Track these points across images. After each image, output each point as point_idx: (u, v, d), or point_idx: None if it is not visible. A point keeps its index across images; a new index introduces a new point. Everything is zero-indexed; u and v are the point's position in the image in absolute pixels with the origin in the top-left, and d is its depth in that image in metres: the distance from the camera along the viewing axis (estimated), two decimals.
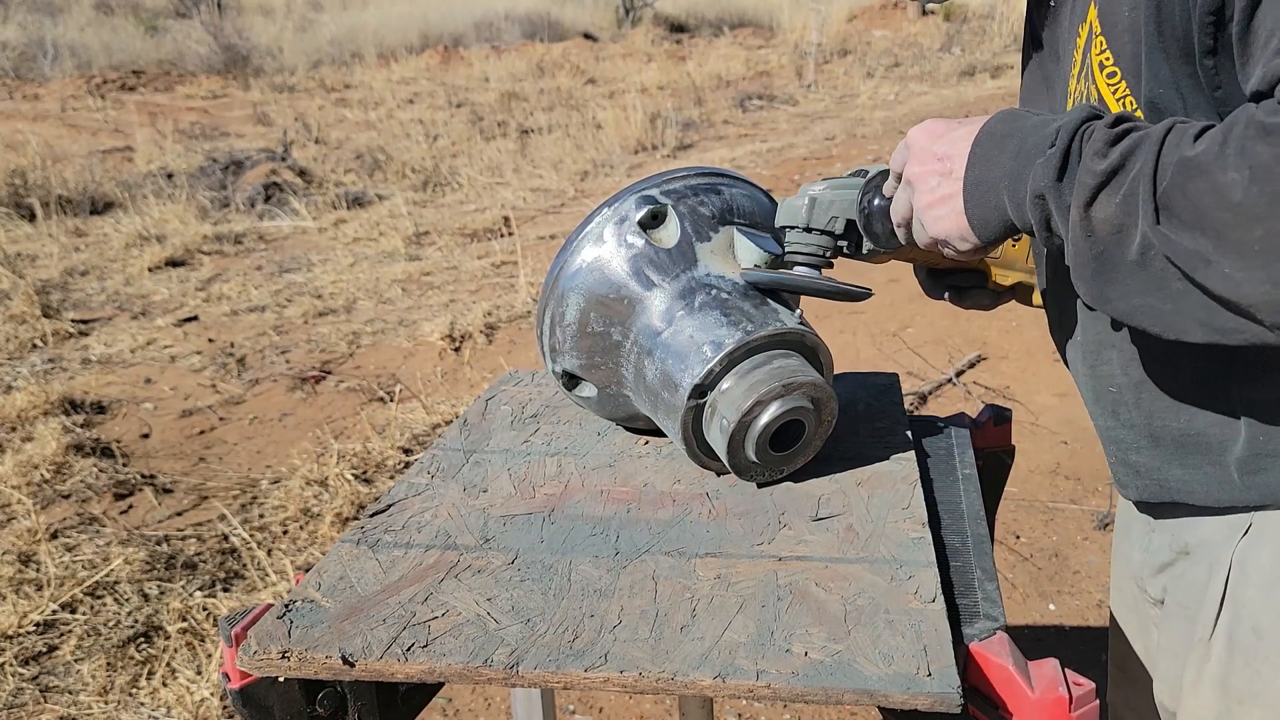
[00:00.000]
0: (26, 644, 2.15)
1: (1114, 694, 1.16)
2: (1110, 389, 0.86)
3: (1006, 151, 0.71)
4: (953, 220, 0.76)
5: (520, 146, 8.03)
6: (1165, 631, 0.91)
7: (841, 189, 0.91)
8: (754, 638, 0.69)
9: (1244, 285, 0.56)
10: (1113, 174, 0.63)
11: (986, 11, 13.75)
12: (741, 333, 0.89)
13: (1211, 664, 0.81)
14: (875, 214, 0.89)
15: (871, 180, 0.90)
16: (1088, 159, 0.64)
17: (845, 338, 3.79)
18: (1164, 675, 0.91)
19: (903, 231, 0.85)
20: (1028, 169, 0.69)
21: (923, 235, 0.81)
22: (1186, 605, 0.86)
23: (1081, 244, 0.65)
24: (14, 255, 5.32)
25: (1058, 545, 2.48)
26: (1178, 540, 0.87)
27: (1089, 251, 0.65)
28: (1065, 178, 0.66)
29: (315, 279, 4.95)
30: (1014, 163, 0.70)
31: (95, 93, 11.24)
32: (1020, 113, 0.74)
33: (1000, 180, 0.71)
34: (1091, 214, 0.64)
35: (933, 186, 0.77)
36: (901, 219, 0.84)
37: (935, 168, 0.77)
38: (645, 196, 0.97)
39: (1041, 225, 0.69)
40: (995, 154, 0.72)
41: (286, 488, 2.81)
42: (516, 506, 0.91)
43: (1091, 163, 0.64)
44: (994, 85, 9.71)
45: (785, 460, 0.92)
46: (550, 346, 1.01)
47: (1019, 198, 0.70)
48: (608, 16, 17.60)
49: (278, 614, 0.74)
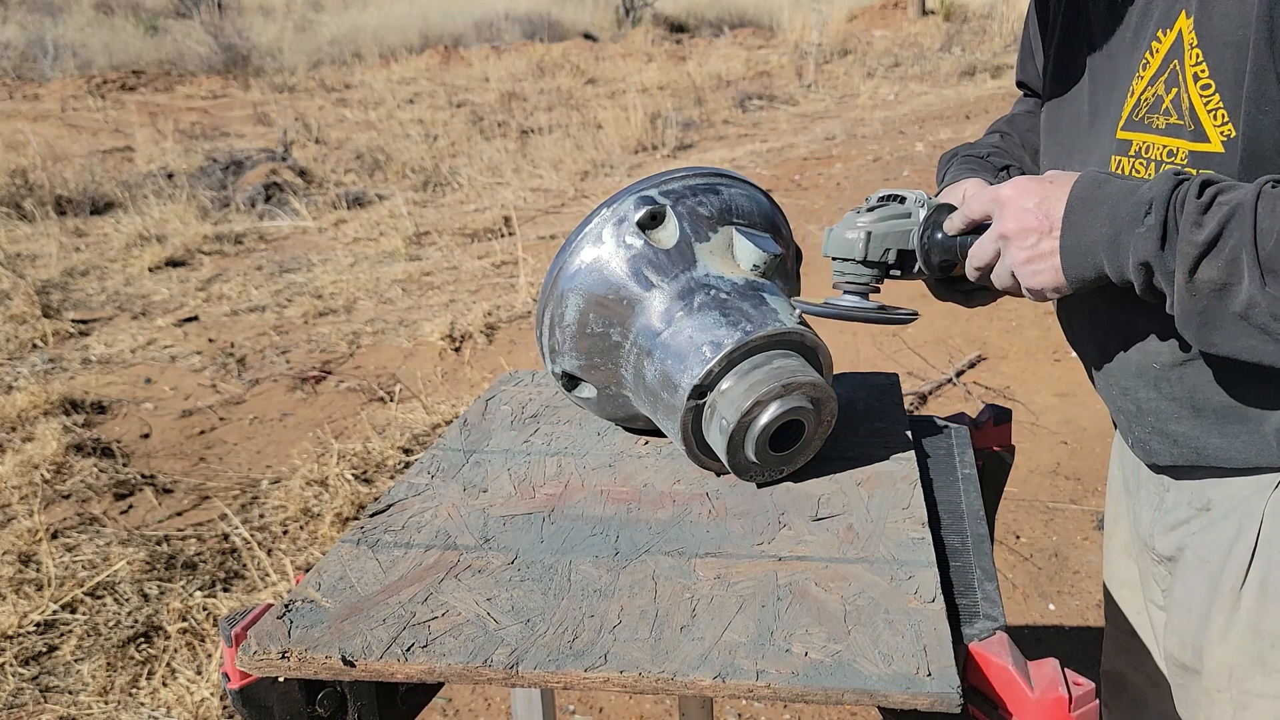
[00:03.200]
0: (26, 644, 2.15)
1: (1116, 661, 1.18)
2: (1155, 364, 0.91)
3: (1100, 218, 0.78)
4: (1050, 275, 0.84)
5: (520, 146, 8.03)
6: (1180, 585, 0.95)
7: (891, 220, 0.96)
8: (754, 638, 0.69)
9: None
10: (1212, 243, 0.71)
11: (986, 11, 13.75)
12: (741, 333, 0.89)
13: (1242, 612, 0.87)
14: (934, 248, 0.95)
15: (930, 218, 0.95)
16: (1186, 230, 0.72)
17: (845, 338, 3.79)
18: (1176, 628, 0.96)
19: (977, 274, 0.92)
20: (1125, 236, 0.76)
21: (1008, 282, 0.88)
22: (1208, 559, 0.91)
23: (1187, 302, 0.73)
24: (14, 255, 5.32)
25: (1058, 545, 2.48)
26: (1199, 497, 0.93)
27: (1194, 307, 0.73)
28: (1166, 247, 0.74)
29: (315, 279, 4.95)
30: (1109, 229, 0.78)
31: (95, 93, 11.24)
32: (1104, 178, 0.80)
33: (1098, 244, 0.79)
34: (1196, 278, 0.72)
35: (1032, 244, 0.84)
36: (984, 264, 0.90)
37: (1034, 225, 0.83)
38: (644, 197, 0.97)
39: (1145, 287, 0.77)
40: (1089, 220, 0.79)
41: (287, 488, 2.81)
42: (516, 506, 0.91)
43: (1191, 234, 0.72)
44: (994, 85, 9.71)
45: (785, 460, 0.92)
46: (550, 347, 1.01)
47: (1118, 261, 0.77)
48: (608, 16, 17.60)
49: (278, 614, 0.74)
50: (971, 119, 7.86)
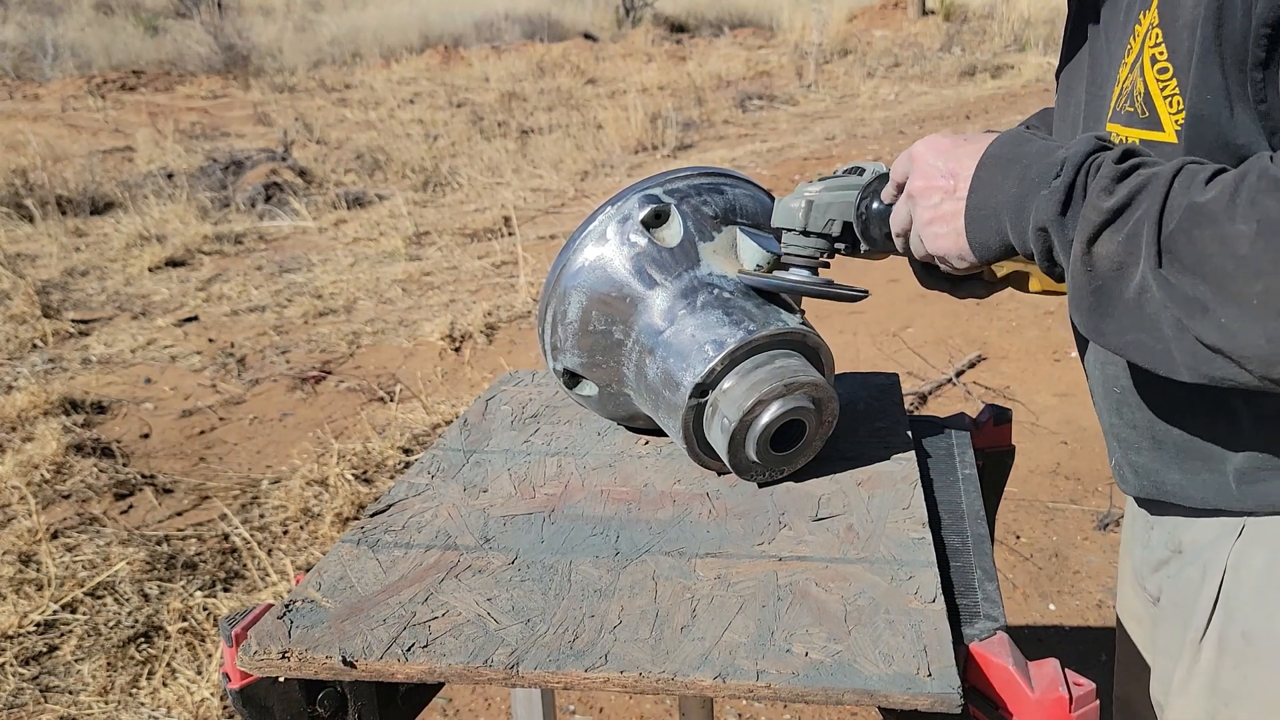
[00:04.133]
0: (27, 644, 2.15)
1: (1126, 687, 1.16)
2: (1115, 389, 0.86)
3: (1010, 177, 0.71)
4: (952, 239, 0.77)
5: (520, 146, 8.03)
6: (1160, 630, 0.91)
7: (838, 190, 0.91)
8: (754, 638, 0.69)
9: (1239, 336, 0.56)
10: (1118, 212, 0.63)
11: (986, 11, 13.76)
12: (744, 332, 0.89)
13: (1201, 665, 0.81)
14: (873, 219, 0.89)
15: (869, 185, 0.90)
16: (1094, 195, 0.64)
17: (845, 338, 3.79)
18: (1158, 673, 0.91)
19: (900, 241, 0.85)
20: (1031, 198, 0.69)
21: (920, 249, 0.82)
22: (1180, 605, 0.86)
23: (1081, 277, 0.65)
24: (14, 255, 5.32)
25: (1058, 545, 2.48)
26: (1173, 539, 0.87)
27: (1087, 285, 0.65)
28: (1069, 212, 0.66)
29: (315, 279, 4.95)
30: (1017, 189, 0.70)
31: (95, 93, 11.25)
32: (1026, 136, 0.74)
33: (1003, 206, 0.72)
34: (1094, 250, 0.64)
35: (935, 203, 0.78)
36: (901, 229, 0.84)
37: (939, 184, 0.77)
38: (648, 195, 0.97)
39: (1043, 256, 0.70)
40: (999, 178, 0.72)
41: (287, 488, 2.81)
42: (516, 506, 0.91)
43: (1098, 199, 0.64)
44: (994, 85, 9.71)
45: (786, 460, 0.92)
46: (551, 344, 1.01)
47: (1021, 226, 0.70)
48: (608, 16, 17.60)
49: (278, 614, 0.74)
50: (972, 119, 7.86)
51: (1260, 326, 0.55)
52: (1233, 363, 0.58)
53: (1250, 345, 0.56)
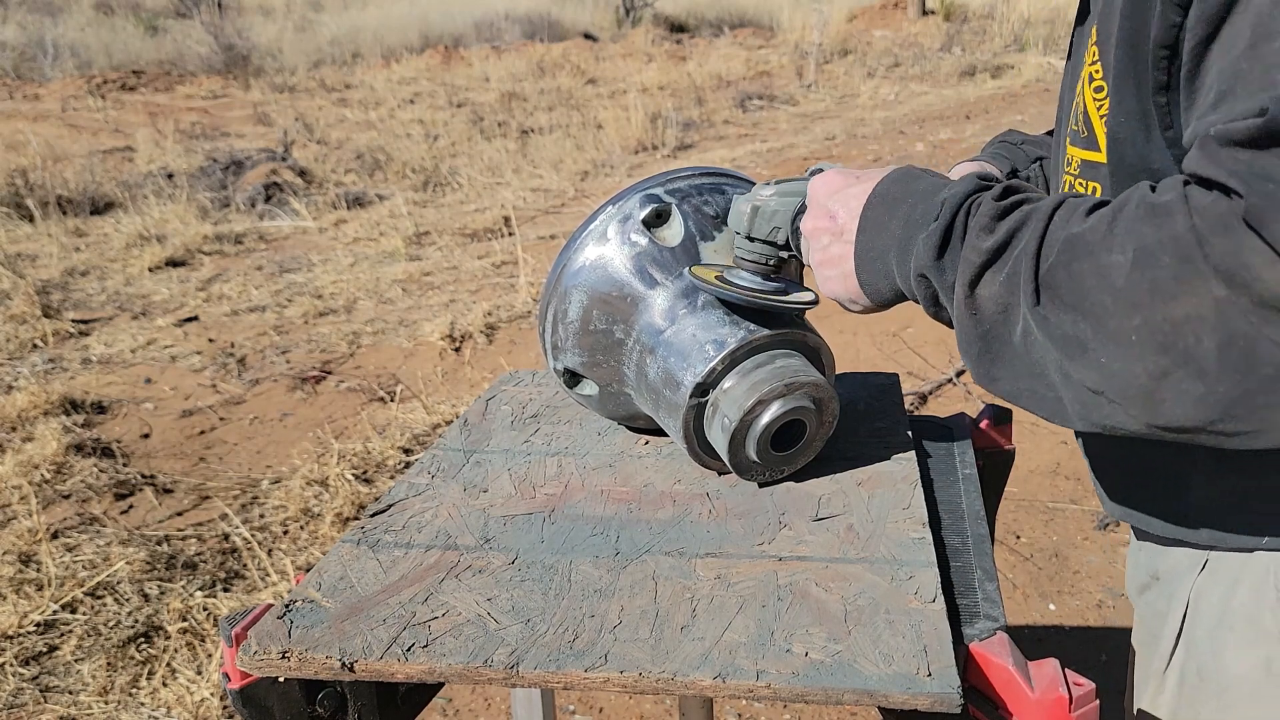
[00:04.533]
0: (27, 644, 2.15)
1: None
2: None
3: (897, 218, 0.68)
4: (842, 283, 0.74)
5: (520, 146, 8.03)
6: (1137, 655, 0.89)
7: (788, 196, 0.87)
8: (754, 638, 0.69)
9: (1119, 377, 0.52)
10: (999, 251, 0.58)
11: (986, 11, 13.76)
12: (744, 332, 0.89)
13: (1165, 697, 0.80)
14: (794, 235, 0.86)
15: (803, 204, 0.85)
16: (973, 235, 0.60)
17: (846, 338, 3.79)
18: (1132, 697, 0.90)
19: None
20: (914, 240, 0.65)
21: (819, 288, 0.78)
22: (1152, 633, 0.84)
23: (967, 323, 0.61)
24: (14, 255, 5.32)
25: (1058, 545, 2.48)
26: (1151, 564, 0.85)
27: (974, 331, 0.61)
28: (946, 255, 0.62)
29: (315, 279, 4.95)
30: (903, 231, 0.66)
31: (95, 93, 11.24)
32: (916, 173, 0.70)
33: (889, 248, 0.68)
34: (977, 293, 0.60)
35: (824, 245, 0.75)
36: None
37: (826, 225, 0.74)
38: (649, 195, 0.97)
39: (927, 301, 0.66)
40: (886, 219, 0.68)
41: (287, 488, 2.81)
42: (517, 506, 0.91)
43: (977, 239, 0.60)
44: (994, 85, 9.71)
45: (786, 460, 0.92)
46: (552, 344, 1.01)
47: (905, 270, 0.66)
48: (608, 16, 17.60)
49: (278, 614, 0.74)
50: (972, 119, 7.86)
51: (1140, 365, 0.50)
52: (1117, 406, 0.53)
53: (1131, 385, 0.52)
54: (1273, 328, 0.45)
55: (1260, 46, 0.49)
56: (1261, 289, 0.44)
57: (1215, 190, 0.47)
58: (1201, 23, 0.54)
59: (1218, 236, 0.46)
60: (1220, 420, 0.50)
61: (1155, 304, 0.49)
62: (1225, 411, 0.49)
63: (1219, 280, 0.46)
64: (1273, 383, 0.47)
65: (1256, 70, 0.49)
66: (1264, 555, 0.72)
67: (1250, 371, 0.47)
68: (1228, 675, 0.74)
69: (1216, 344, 0.47)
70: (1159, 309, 0.48)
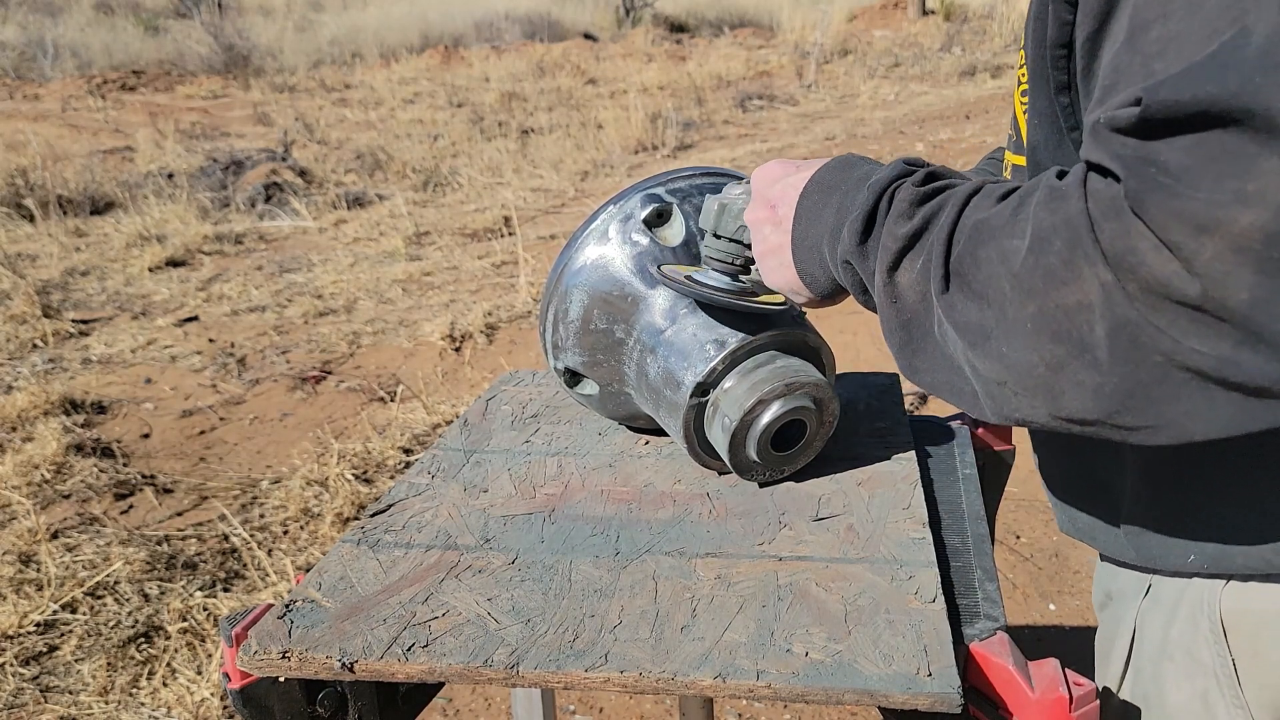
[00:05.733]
0: (27, 644, 2.15)
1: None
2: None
3: (830, 206, 0.66)
4: (783, 273, 0.73)
5: (520, 146, 8.03)
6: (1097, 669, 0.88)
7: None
8: (754, 638, 0.69)
9: (1018, 367, 0.50)
10: (915, 237, 0.57)
11: (986, 11, 13.76)
12: (745, 331, 0.89)
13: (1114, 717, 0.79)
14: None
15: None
16: (891, 222, 0.59)
17: (846, 338, 3.79)
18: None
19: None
20: (844, 228, 0.64)
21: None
22: (1104, 654, 0.83)
23: (889, 311, 0.59)
24: (14, 255, 5.32)
25: (1058, 545, 2.48)
26: (1105, 583, 0.84)
27: (895, 320, 0.59)
28: (870, 241, 0.61)
29: (315, 279, 4.95)
30: (835, 219, 0.65)
31: (95, 93, 11.25)
32: (854, 161, 0.69)
33: (823, 237, 0.66)
34: (895, 280, 0.58)
35: (765, 235, 0.74)
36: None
37: (767, 216, 0.73)
38: (650, 195, 0.97)
39: (857, 289, 0.64)
40: (820, 208, 0.67)
41: (287, 488, 2.81)
42: (517, 506, 0.91)
43: (895, 225, 0.58)
44: (994, 85, 9.71)
45: (787, 460, 0.92)
46: (552, 343, 1.01)
47: (835, 258, 0.65)
48: (608, 16, 17.61)
49: (278, 614, 0.74)
50: (972, 119, 7.86)
51: (1037, 354, 0.49)
52: (1022, 398, 0.52)
53: (1031, 375, 0.50)
54: (1158, 315, 0.44)
55: (1137, 38, 0.48)
56: (1146, 274, 0.44)
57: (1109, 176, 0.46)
58: (1088, 19, 0.54)
59: (1109, 220, 0.45)
60: (1119, 412, 0.48)
61: (1049, 290, 0.47)
62: (1122, 403, 0.48)
63: (1106, 265, 0.45)
64: (1163, 372, 0.46)
65: (1136, 62, 0.48)
66: (1200, 583, 0.71)
67: (1141, 361, 0.46)
68: (1168, 706, 0.73)
69: (1105, 331, 0.46)
70: (1051, 295, 0.47)
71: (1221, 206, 0.41)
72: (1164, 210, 0.43)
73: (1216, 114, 0.41)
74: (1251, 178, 0.40)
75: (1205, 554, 0.69)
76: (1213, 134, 0.42)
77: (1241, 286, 0.42)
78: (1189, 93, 0.42)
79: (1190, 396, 0.46)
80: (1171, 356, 0.45)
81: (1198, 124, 0.42)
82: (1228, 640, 0.69)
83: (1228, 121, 0.41)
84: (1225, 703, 0.70)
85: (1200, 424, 0.47)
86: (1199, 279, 0.42)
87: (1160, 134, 0.43)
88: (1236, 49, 0.42)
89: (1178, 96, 0.42)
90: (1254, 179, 0.40)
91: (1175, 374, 0.45)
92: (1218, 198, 0.41)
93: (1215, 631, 0.70)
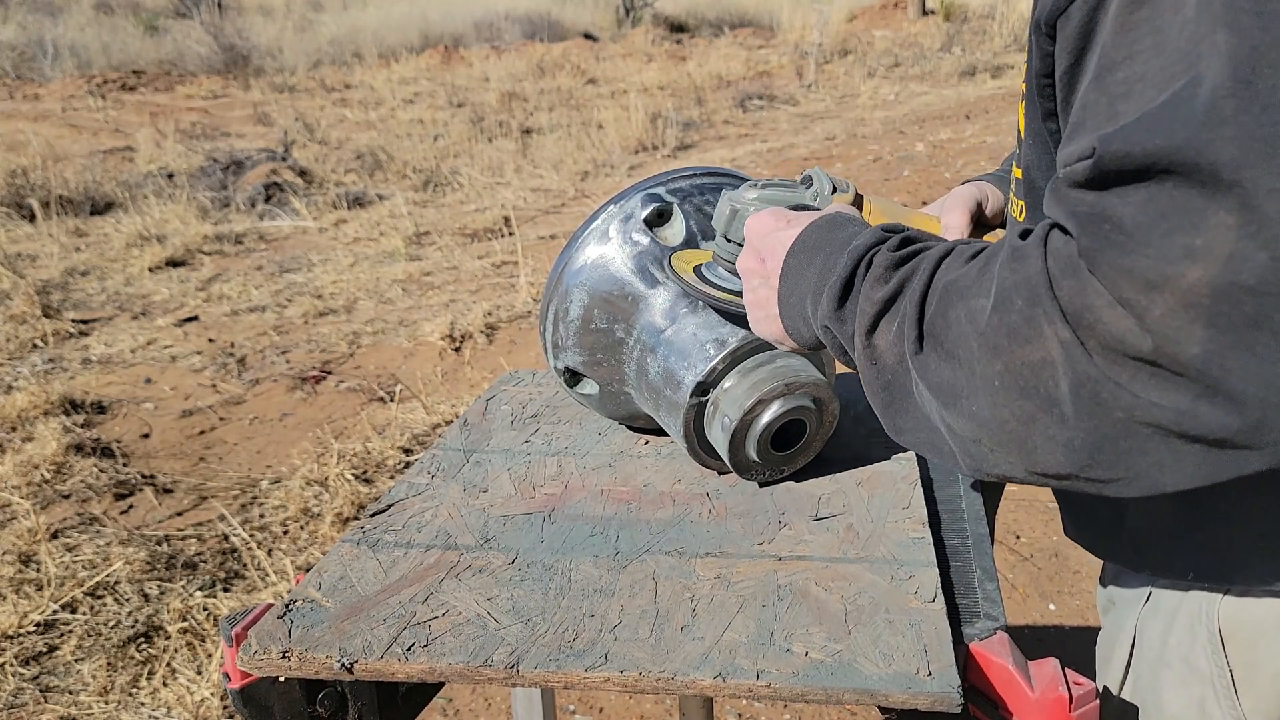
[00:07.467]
0: (26, 644, 2.15)
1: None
2: None
3: (813, 266, 0.67)
4: (769, 325, 0.74)
5: (521, 146, 8.03)
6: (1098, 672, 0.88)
7: (769, 203, 0.85)
8: (754, 637, 0.69)
9: (989, 424, 0.51)
10: (891, 301, 0.58)
11: (986, 11, 13.76)
12: (746, 331, 0.89)
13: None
14: None
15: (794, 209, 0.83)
16: (868, 286, 0.60)
17: None
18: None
19: None
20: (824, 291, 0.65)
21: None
22: (1105, 659, 0.83)
23: (869, 373, 0.61)
24: (14, 255, 5.32)
25: (1058, 545, 2.48)
26: (1108, 588, 0.84)
27: (876, 381, 0.60)
28: (847, 306, 0.62)
29: (315, 279, 4.95)
30: (816, 280, 0.66)
31: (95, 93, 11.25)
32: (841, 221, 0.70)
33: (806, 296, 0.68)
34: (874, 343, 0.59)
35: (754, 287, 0.75)
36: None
37: (756, 268, 0.74)
38: (651, 195, 0.97)
39: (837, 351, 0.65)
40: (805, 267, 0.68)
41: (287, 488, 2.81)
42: (517, 506, 0.91)
43: (871, 290, 0.59)
44: (994, 85, 9.71)
45: (786, 460, 0.92)
46: (553, 343, 1.01)
47: (815, 319, 0.66)
48: (608, 16, 17.61)
49: (278, 614, 0.74)
50: (972, 119, 7.86)
51: (1008, 409, 0.50)
52: (998, 454, 0.52)
53: (1003, 431, 0.51)
54: (1117, 370, 0.45)
55: (1104, 78, 0.49)
56: (1103, 331, 0.44)
57: (1068, 234, 0.47)
58: (1064, 54, 0.54)
59: (1066, 278, 0.46)
60: (1090, 466, 0.49)
61: (1013, 348, 0.48)
62: (1091, 457, 0.48)
63: (1065, 323, 0.46)
64: (1126, 427, 0.46)
65: (1102, 102, 0.48)
66: (1199, 593, 0.71)
67: (1104, 416, 0.46)
68: (1166, 712, 0.74)
69: (1069, 387, 0.46)
70: (1016, 353, 0.48)
71: (1170, 263, 0.41)
72: (1115, 268, 0.43)
73: (1164, 167, 0.42)
74: (1199, 233, 0.41)
75: (1204, 568, 0.70)
76: (1163, 188, 0.42)
77: (1193, 341, 0.42)
78: (1139, 145, 0.42)
79: (1156, 449, 0.46)
80: (1132, 412, 0.45)
81: (1147, 176, 0.42)
82: (1225, 649, 0.70)
83: (1176, 175, 0.41)
84: (1222, 711, 0.71)
85: (1170, 476, 0.47)
86: (1150, 335, 0.43)
87: (1113, 184, 0.44)
88: (1186, 100, 0.42)
89: (1128, 149, 0.43)
90: (1201, 234, 0.41)
91: (1138, 428, 0.46)
92: (1166, 254, 0.41)
93: (1213, 640, 0.70)
